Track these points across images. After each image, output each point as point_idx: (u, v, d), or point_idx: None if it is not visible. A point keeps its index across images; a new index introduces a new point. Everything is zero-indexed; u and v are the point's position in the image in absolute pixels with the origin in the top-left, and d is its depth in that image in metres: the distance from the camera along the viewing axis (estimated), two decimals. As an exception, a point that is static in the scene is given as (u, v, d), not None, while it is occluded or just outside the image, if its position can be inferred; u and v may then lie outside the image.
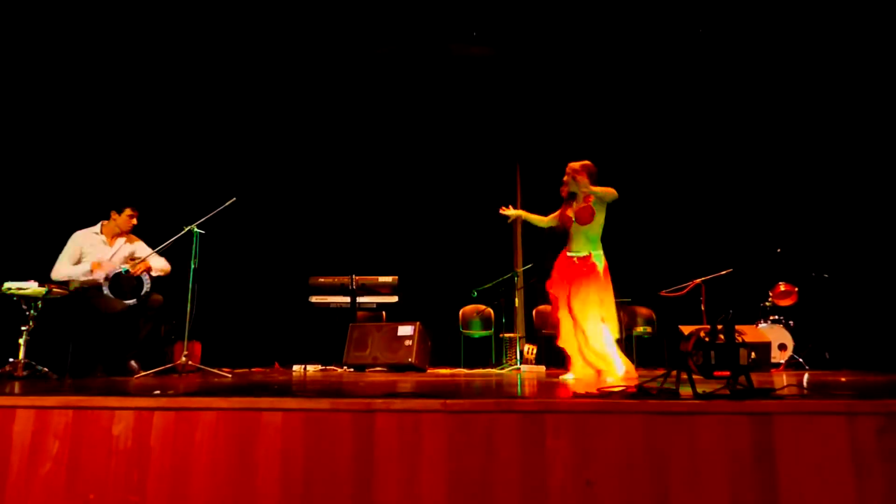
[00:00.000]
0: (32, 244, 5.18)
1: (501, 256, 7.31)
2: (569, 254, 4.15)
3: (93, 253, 4.54)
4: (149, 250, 4.66)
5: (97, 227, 4.67)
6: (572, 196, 4.21)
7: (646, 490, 1.89)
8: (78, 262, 4.49)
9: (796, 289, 6.24)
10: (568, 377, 3.98)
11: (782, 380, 3.61)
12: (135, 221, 4.72)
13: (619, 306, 4.34)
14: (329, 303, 6.39)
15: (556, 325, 4.16)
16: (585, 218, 4.07)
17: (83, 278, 4.39)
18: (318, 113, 7.33)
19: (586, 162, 4.17)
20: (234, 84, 6.99)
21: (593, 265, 4.05)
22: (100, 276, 4.33)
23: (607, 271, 4.11)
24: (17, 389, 2.78)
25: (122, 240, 4.72)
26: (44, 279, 4.24)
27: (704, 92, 7.02)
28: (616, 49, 6.97)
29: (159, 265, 4.62)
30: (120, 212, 4.67)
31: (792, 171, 6.84)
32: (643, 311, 6.57)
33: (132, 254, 4.66)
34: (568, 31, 6.86)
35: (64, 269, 4.43)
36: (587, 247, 4.10)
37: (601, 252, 4.11)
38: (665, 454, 1.91)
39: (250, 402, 2.08)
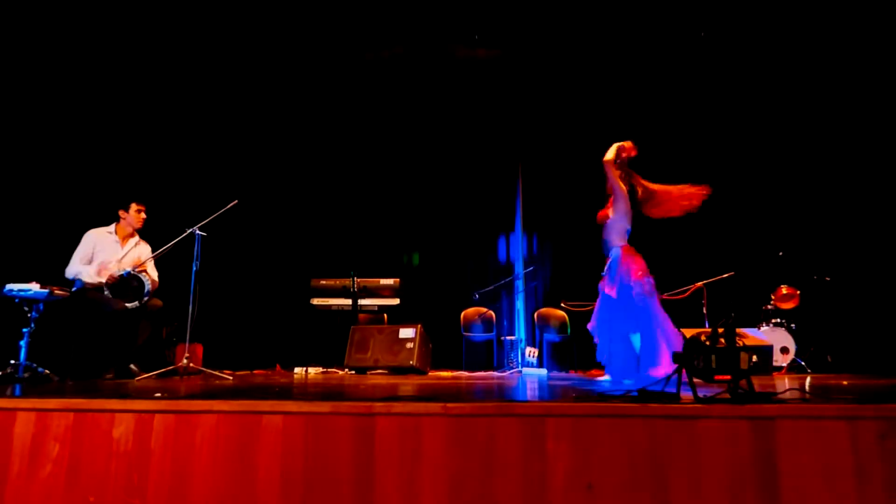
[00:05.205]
0: (34, 246, 5.20)
1: (503, 259, 7.30)
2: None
3: (104, 252, 4.54)
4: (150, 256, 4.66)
5: (111, 227, 4.69)
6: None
7: (646, 493, 1.88)
8: (90, 261, 4.50)
9: (798, 292, 6.23)
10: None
11: (784, 383, 3.60)
12: (143, 216, 4.73)
13: None
14: (330, 305, 6.39)
15: None
16: None
17: (91, 280, 4.39)
18: (320, 115, 7.34)
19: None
20: (237, 86, 7.00)
21: None
22: (104, 275, 4.35)
23: None
24: (17, 392, 2.78)
25: (133, 241, 4.74)
26: (45, 281, 4.24)
27: (707, 94, 7.01)
28: (618, 50, 6.97)
29: (152, 275, 4.59)
30: (127, 209, 4.69)
31: (794, 173, 6.83)
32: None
33: (140, 257, 4.66)
34: (571, 33, 6.87)
35: (77, 267, 4.44)
36: None
37: None
38: (666, 458, 1.90)
39: (251, 404, 2.08)
